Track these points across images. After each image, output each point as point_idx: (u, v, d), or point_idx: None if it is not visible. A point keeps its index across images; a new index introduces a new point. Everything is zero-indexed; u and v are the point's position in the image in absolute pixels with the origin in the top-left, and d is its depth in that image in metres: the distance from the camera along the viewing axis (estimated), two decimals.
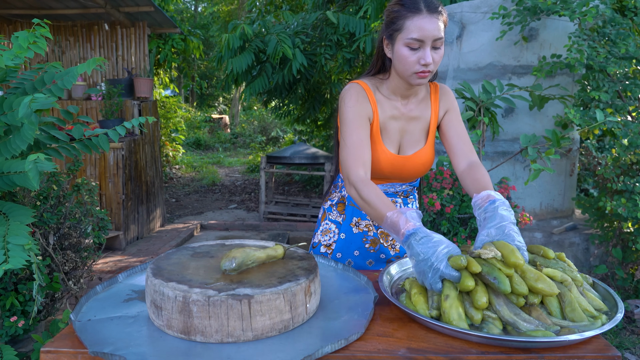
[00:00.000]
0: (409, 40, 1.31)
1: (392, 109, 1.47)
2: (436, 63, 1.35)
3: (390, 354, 0.95)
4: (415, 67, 1.33)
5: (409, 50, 1.32)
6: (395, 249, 1.63)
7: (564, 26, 3.40)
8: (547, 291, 1.03)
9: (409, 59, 1.33)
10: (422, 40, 1.30)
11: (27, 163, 1.45)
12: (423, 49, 1.31)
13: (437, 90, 1.52)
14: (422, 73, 1.34)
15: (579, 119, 2.77)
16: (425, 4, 1.30)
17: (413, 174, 1.52)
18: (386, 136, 1.47)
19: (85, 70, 1.70)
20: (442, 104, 1.51)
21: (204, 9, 17.61)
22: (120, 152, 4.57)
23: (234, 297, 0.96)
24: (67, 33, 5.42)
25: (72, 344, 0.98)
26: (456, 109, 1.52)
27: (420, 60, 1.31)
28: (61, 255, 2.44)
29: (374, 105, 1.44)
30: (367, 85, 1.46)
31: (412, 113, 1.48)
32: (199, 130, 14.43)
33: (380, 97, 1.47)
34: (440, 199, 2.58)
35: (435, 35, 1.30)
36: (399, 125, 1.48)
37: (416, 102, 1.49)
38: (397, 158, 1.47)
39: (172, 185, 8.29)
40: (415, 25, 1.29)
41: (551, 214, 3.62)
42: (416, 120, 1.49)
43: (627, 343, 2.72)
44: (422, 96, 1.50)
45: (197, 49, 7.19)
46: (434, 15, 1.30)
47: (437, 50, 1.33)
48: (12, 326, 2.20)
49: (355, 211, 1.60)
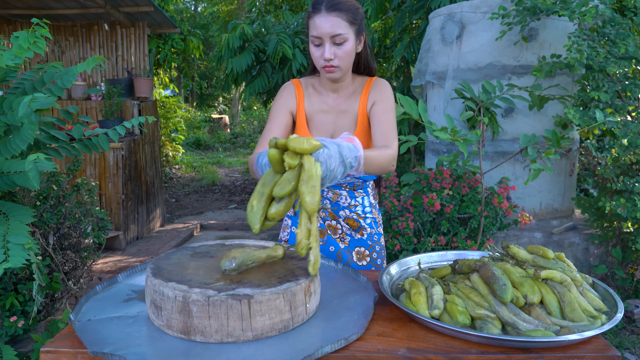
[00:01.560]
0: (312, 38, 1.45)
1: (321, 103, 1.58)
2: (340, 58, 1.44)
3: (390, 354, 0.95)
4: (321, 62, 1.46)
5: (314, 47, 1.46)
6: (344, 242, 1.67)
7: (564, 26, 3.40)
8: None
9: (314, 54, 1.47)
10: (320, 37, 1.42)
11: (27, 163, 1.45)
12: (323, 46, 1.43)
13: (370, 84, 1.58)
14: (328, 67, 1.45)
15: (579, 119, 2.77)
16: (325, 3, 1.41)
17: None
18: (315, 128, 1.58)
19: (85, 70, 1.71)
20: (371, 96, 1.55)
21: (203, 9, 17.61)
22: (120, 152, 4.57)
23: (234, 297, 0.96)
24: (67, 33, 5.41)
25: (72, 344, 0.98)
26: (385, 101, 1.54)
27: (323, 56, 1.43)
28: (61, 255, 2.44)
29: (300, 99, 1.58)
30: (299, 82, 1.61)
31: (341, 106, 1.57)
32: (198, 130, 14.43)
33: (311, 92, 1.59)
34: (440, 199, 2.58)
35: (331, 32, 1.41)
36: (330, 118, 1.58)
37: (346, 96, 1.58)
38: None
39: (172, 185, 8.29)
40: (315, 23, 1.42)
41: (551, 214, 3.62)
42: (345, 113, 1.57)
43: (626, 343, 2.73)
44: (353, 90, 1.58)
45: (197, 49, 7.19)
46: (332, 14, 1.40)
47: (339, 46, 1.43)
48: (12, 326, 2.20)
49: None
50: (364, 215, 1.67)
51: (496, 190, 2.67)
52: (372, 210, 1.69)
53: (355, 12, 1.44)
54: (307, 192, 0.96)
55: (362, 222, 1.67)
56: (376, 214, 1.71)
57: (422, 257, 1.43)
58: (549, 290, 1.10)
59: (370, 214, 1.68)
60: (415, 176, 2.75)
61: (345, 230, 1.67)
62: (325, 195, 1.64)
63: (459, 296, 1.12)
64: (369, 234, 1.67)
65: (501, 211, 2.61)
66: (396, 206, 2.69)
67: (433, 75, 3.74)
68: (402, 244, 2.62)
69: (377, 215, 1.72)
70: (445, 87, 3.63)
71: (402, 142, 2.12)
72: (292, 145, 0.97)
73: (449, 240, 2.61)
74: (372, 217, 1.68)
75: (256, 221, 1.02)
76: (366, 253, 1.67)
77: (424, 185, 2.68)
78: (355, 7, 1.46)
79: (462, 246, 2.54)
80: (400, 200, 2.72)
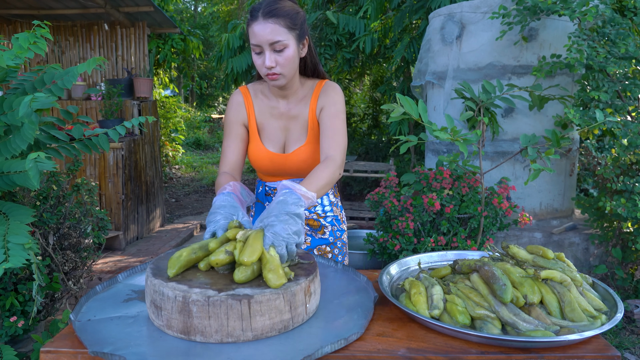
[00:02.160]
0: (252, 46, 1.41)
1: (271, 109, 1.57)
2: (282, 65, 1.41)
3: (390, 354, 0.95)
4: (263, 70, 1.42)
5: (256, 55, 1.42)
6: (306, 242, 1.69)
7: (564, 26, 3.40)
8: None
9: (257, 63, 1.43)
10: (260, 45, 1.38)
11: (27, 162, 1.45)
12: (264, 54, 1.39)
13: (319, 89, 1.56)
14: (270, 75, 1.42)
15: (579, 119, 2.77)
16: (262, 10, 1.37)
17: (296, 170, 1.57)
18: (266, 136, 1.57)
19: (85, 70, 1.70)
20: (320, 101, 1.54)
21: (203, 9, 17.60)
22: (120, 152, 4.57)
23: (234, 297, 0.96)
24: (67, 33, 5.41)
25: (72, 344, 0.98)
26: (333, 105, 1.51)
27: (264, 64, 1.39)
28: (61, 255, 2.44)
29: (250, 109, 1.56)
30: (247, 90, 1.59)
31: (291, 112, 1.56)
32: (198, 130, 14.43)
33: (261, 100, 1.58)
34: (440, 199, 2.58)
35: (269, 40, 1.37)
36: (281, 124, 1.57)
37: (296, 101, 1.56)
38: (275, 156, 1.56)
39: (171, 185, 8.28)
40: (253, 31, 1.38)
41: (551, 214, 3.62)
42: (296, 119, 1.56)
43: (626, 343, 2.73)
44: (303, 95, 1.56)
45: (197, 49, 7.19)
46: (269, 21, 1.36)
47: (280, 52, 1.39)
48: (12, 326, 2.20)
49: (261, 207, 1.70)
50: (324, 215, 1.68)
51: (496, 190, 2.67)
52: (332, 208, 1.70)
53: (294, 17, 1.40)
54: (269, 274, 1.01)
55: (323, 221, 1.68)
56: (337, 212, 1.72)
57: (422, 257, 1.43)
58: (549, 290, 1.10)
59: (330, 212, 1.69)
60: (415, 176, 2.75)
61: (305, 231, 1.67)
62: None
63: (459, 296, 1.12)
64: (330, 231, 1.69)
65: (501, 211, 2.61)
66: (396, 206, 2.69)
67: (433, 75, 3.74)
68: (402, 244, 2.62)
69: (339, 213, 1.73)
70: (445, 87, 3.63)
71: (402, 142, 2.12)
72: (241, 260, 1.02)
73: (448, 240, 2.61)
74: (333, 214, 1.69)
75: (174, 268, 1.06)
76: (327, 249, 1.69)
77: (423, 185, 2.68)
78: (294, 11, 1.42)
79: (462, 246, 2.54)
80: (400, 200, 2.72)
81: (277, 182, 1.63)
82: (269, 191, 1.68)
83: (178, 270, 1.06)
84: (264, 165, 1.58)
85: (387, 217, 2.84)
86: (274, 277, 0.99)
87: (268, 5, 1.38)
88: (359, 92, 9.38)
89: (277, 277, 0.99)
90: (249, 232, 1.09)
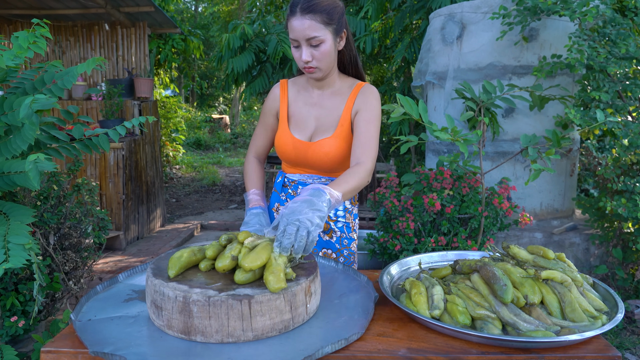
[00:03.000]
0: (291, 40, 1.47)
1: (305, 98, 1.62)
2: (318, 59, 1.46)
3: (390, 354, 0.95)
4: (300, 64, 1.48)
5: (294, 49, 1.48)
6: None
7: (564, 26, 3.40)
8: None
9: (295, 56, 1.49)
10: (297, 40, 1.44)
11: (27, 163, 1.45)
12: (301, 48, 1.46)
13: (358, 90, 1.58)
14: (307, 68, 1.48)
15: (579, 119, 2.77)
16: (300, 6, 1.42)
17: (318, 162, 1.58)
18: (295, 123, 1.61)
19: (86, 70, 1.71)
20: (357, 102, 1.56)
21: (204, 9, 17.61)
22: (121, 152, 4.57)
23: (234, 297, 0.96)
24: (68, 33, 5.42)
25: (73, 344, 0.98)
26: (369, 111, 1.54)
27: (301, 58, 1.46)
28: (61, 255, 2.44)
29: (284, 98, 1.63)
30: (285, 82, 1.67)
31: (325, 103, 1.59)
32: (199, 131, 14.43)
33: (297, 90, 1.64)
34: (441, 199, 2.58)
35: (306, 35, 1.42)
36: (313, 112, 1.60)
37: (331, 94, 1.60)
38: (300, 143, 1.59)
39: (172, 185, 8.29)
40: (291, 26, 1.44)
41: (551, 214, 3.62)
42: (328, 111, 1.59)
43: (627, 343, 2.72)
44: (337, 89, 1.60)
45: (198, 49, 7.19)
46: (306, 17, 1.41)
47: (316, 47, 1.44)
48: (13, 326, 2.20)
49: (276, 196, 1.72)
50: (335, 219, 1.66)
51: (497, 191, 2.67)
52: (345, 214, 1.68)
53: (331, 12, 1.44)
54: (270, 275, 1.01)
55: (333, 225, 1.66)
56: (350, 219, 1.70)
57: (423, 257, 1.43)
58: (550, 290, 1.10)
59: (342, 218, 1.67)
60: (416, 176, 2.75)
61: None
62: (299, 193, 1.65)
63: (460, 296, 1.12)
64: (338, 237, 1.66)
65: (502, 211, 2.61)
66: (396, 206, 2.69)
67: (433, 75, 3.74)
68: (402, 244, 2.62)
69: (352, 221, 1.70)
70: (446, 87, 3.63)
71: (403, 142, 2.12)
72: (242, 264, 1.04)
73: (449, 241, 2.61)
74: (345, 221, 1.68)
75: (174, 269, 1.07)
76: (333, 256, 1.66)
77: (424, 185, 2.68)
78: (332, 6, 1.45)
79: (462, 246, 2.54)
80: (400, 201, 2.72)
81: (297, 175, 1.66)
82: (287, 182, 1.69)
83: (178, 271, 1.06)
84: (286, 151, 1.61)
85: (388, 217, 2.84)
86: (274, 279, 0.99)
87: (307, 1, 1.42)
88: None
89: (277, 281, 0.99)
90: (258, 242, 1.09)
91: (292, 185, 1.67)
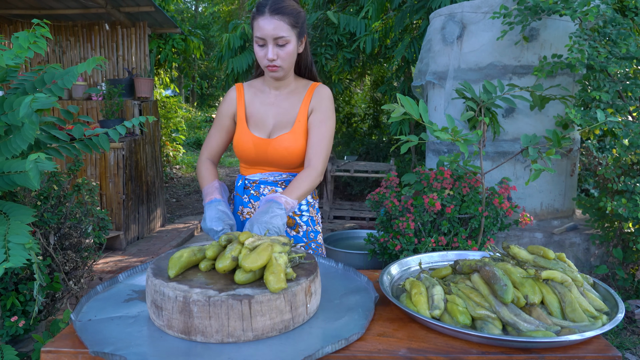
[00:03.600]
0: (256, 38, 1.53)
1: (262, 99, 1.68)
2: (283, 59, 1.54)
3: (390, 354, 0.95)
4: (264, 62, 1.55)
5: (258, 47, 1.55)
6: None
7: (565, 26, 3.40)
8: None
9: (258, 54, 1.55)
10: (264, 39, 1.51)
11: (27, 162, 1.45)
12: (267, 46, 1.52)
13: (313, 89, 1.67)
14: (271, 67, 1.55)
15: (580, 119, 2.77)
16: (269, 7, 1.50)
17: (278, 158, 1.63)
18: (253, 122, 1.67)
19: (86, 70, 1.71)
20: (312, 102, 1.64)
21: (204, 9, 17.60)
22: (121, 152, 4.57)
23: (235, 297, 0.96)
24: (68, 33, 5.42)
25: (73, 344, 0.98)
26: (323, 112, 1.63)
27: (266, 56, 1.52)
28: (62, 255, 2.45)
29: (241, 101, 1.69)
30: (241, 86, 1.73)
31: (282, 103, 1.66)
32: (199, 130, 14.42)
33: (253, 92, 1.70)
34: (441, 199, 2.57)
35: (275, 34, 1.50)
36: (271, 111, 1.66)
37: (287, 94, 1.67)
38: (260, 140, 1.64)
39: (172, 185, 8.29)
40: (259, 25, 1.51)
41: (552, 214, 3.62)
42: (285, 110, 1.66)
43: (627, 343, 2.72)
44: (293, 89, 1.68)
45: (198, 49, 7.19)
46: (275, 17, 1.49)
47: (282, 47, 1.53)
48: (13, 326, 2.20)
49: (239, 200, 1.76)
50: (300, 213, 1.72)
51: (497, 191, 2.67)
52: (309, 208, 1.74)
53: (297, 16, 1.53)
54: (271, 275, 1.02)
55: (298, 219, 1.72)
56: (314, 213, 1.76)
57: (423, 257, 1.43)
58: (550, 290, 1.10)
59: (307, 212, 1.73)
60: (416, 176, 2.74)
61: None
62: (262, 192, 1.70)
63: (460, 296, 1.12)
64: (305, 231, 1.72)
65: (502, 211, 2.60)
66: (397, 206, 2.68)
67: (434, 75, 3.73)
68: (402, 244, 2.62)
69: (315, 214, 1.77)
70: (446, 87, 3.63)
71: (403, 142, 2.12)
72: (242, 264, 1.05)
73: (449, 241, 2.61)
74: (309, 215, 1.74)
75: (174, 269, 1.07)
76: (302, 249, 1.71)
77: (424, 185, 2.68)
78: (297, 11, 1.54)
79: (462, 246, 2.54)
80: (400, 201, 2.72)
81: (257, 175, 1.71)
82: (247, 184, 1.73)
83: (179, 271, 1.06)
84: (246, 150, 1.66)
85: (388, 217, 2.84)
86: (274, 279, 0.99)
87: (275, 3, 1.50)
88: (360, 92, 9.38)
89: (277, 281, 0.99)
90: (259, 242, 1.10)
91: (254, 185, 1.72)
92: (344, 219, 5.66)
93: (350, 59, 5.64)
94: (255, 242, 1.10)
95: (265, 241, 1.11)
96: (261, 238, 1.13)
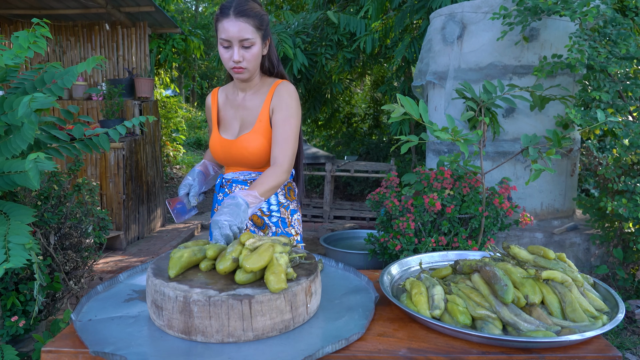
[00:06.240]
0: (221, 40, 1.54)
1: (231, 101, 1.73)
2: (248, 60, 1.56)
3: (390, 354, 0.95)
4: (230, 64, 1.56)
5: (223, 49, 1.56)
6: None
7: (565, 26, 3.40)
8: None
9: (224, 56, 1.57)
10: (229, 40, 1.52)
11: (27, 162, 1.45)
12: (232, 48, 1.53)
13: (275, 87, 1.67)
14: (236, 68, 1.57)
15: (580, 119, 2.76)
16: (233, 9, 1.51)
17: (241, 158, 1.66)
18: (223, 125, 1.72)
19: (86, 70, 1.71)
20: (273, 100, 1.65)
21: (204, 9, 17.60)
22: (121, 152, 4.57)
23: (235, 297, 0.96)
24: (68, 33, 5.42)
25: (73, 344, 0.98)
26: (284, 110, 1.62)
27: (232, 58, 1.53)
28: (62, 255, 2.45)
29: (214, 106, 1.75)
30: (216, 90, 1.79)
31: (247, 103, 1.69)
32: (199, 130, 14.42)
33: (226, 95, 1.75)
34: (441, 199, 2.57)
35: (240, 36, 1.51)
36: (237, 113, 1.70)
37: (252, 94, 1.69)
38: (225, 142, 1.68)
39: (172, 185, 8.29)
40: (224, 27, 1.51)
41: (552, 214, 3.61)
42: (249, 110, 1.68)
43: (628, 343, 2.72)
44: (257, 89, 1.69)
45: (198, 49, 7.19)
46: (240, 19, 1.50)
47: (247, 49, 1.54)
48: (13, 326, 2.20)
49: (215, 198, 1.82)
50: (269, 213, 1.71)
51: (497, 191, 2.67)
52: (279, 209, 1.73)
53: (261, 19, 1.55)
54: (271, 275, 1.02)
55: (267, 219, 1.71)
56: (286, 214, 1.74)
57: (423, 257, 1.43)
58: (550, 290, 1.10)
59: (276, 213, 1.72)
60: (416, 176, 2.74)
61: (249, 227, 1.72)
62: (234, 190, 1.73)
63: (460, 296, 1.12)
64: (273, 232, 1.71)
65: (502, 211, 2.60)
66: (397, 206, 2.68)
67: (434, 75, 3.73)
68: (402, 244, 2.62)
69: (289, 216, 1.75)
70: (446, 87, 3.63)
71: (403, 142, 2.12)
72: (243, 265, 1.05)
73: (449, 241, 2.61)
74: (279, 216, 1.72)
75: (175, 269, 1.07)
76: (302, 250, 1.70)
77: (424, 185, 2.68)
78: (261, 14, 1.56)
79: (463, 246, 2.54)
80: (401, 201, 2.72)
81: (230, 174, 1.74)
82: (223, 183, 1.78)
83: (179, 271, 1.06)
84: (216, 151, 1.71)
85: (388, 217, 2.84)
86: (275, 279, 0.99)
87: (239, 5, 1.51)
88: (360, 92, 9.38)
89: (278, 281, 0.99)
90: (260, 243, 1.10)
91: (228, 184, 1.76)
92: (344, 219, 5.67)
93: (351, 58, 5.64)
94: (256, 243, 1.10)
95: (266, 241, 1.11)
96: (262, 239, 1.13)
